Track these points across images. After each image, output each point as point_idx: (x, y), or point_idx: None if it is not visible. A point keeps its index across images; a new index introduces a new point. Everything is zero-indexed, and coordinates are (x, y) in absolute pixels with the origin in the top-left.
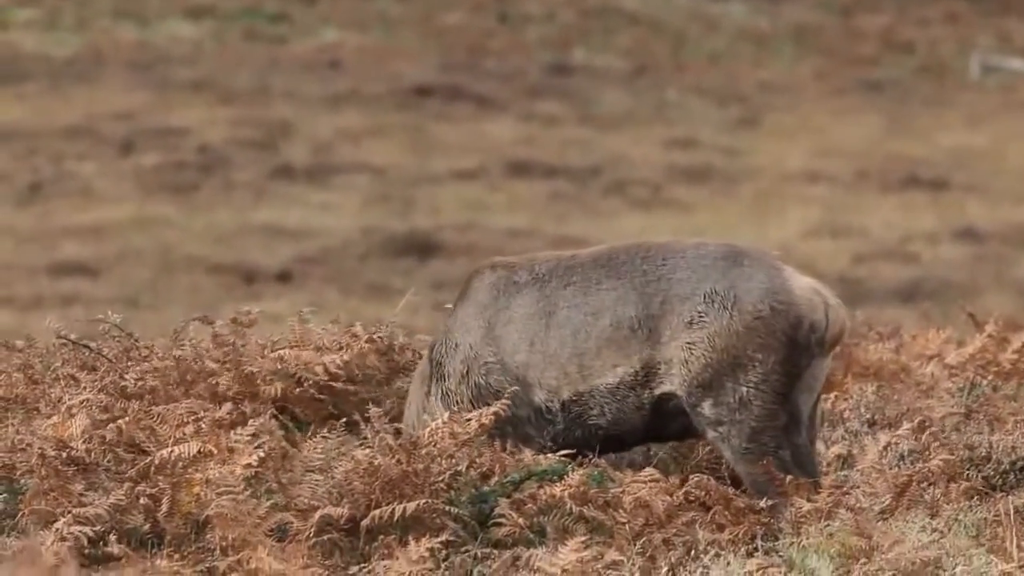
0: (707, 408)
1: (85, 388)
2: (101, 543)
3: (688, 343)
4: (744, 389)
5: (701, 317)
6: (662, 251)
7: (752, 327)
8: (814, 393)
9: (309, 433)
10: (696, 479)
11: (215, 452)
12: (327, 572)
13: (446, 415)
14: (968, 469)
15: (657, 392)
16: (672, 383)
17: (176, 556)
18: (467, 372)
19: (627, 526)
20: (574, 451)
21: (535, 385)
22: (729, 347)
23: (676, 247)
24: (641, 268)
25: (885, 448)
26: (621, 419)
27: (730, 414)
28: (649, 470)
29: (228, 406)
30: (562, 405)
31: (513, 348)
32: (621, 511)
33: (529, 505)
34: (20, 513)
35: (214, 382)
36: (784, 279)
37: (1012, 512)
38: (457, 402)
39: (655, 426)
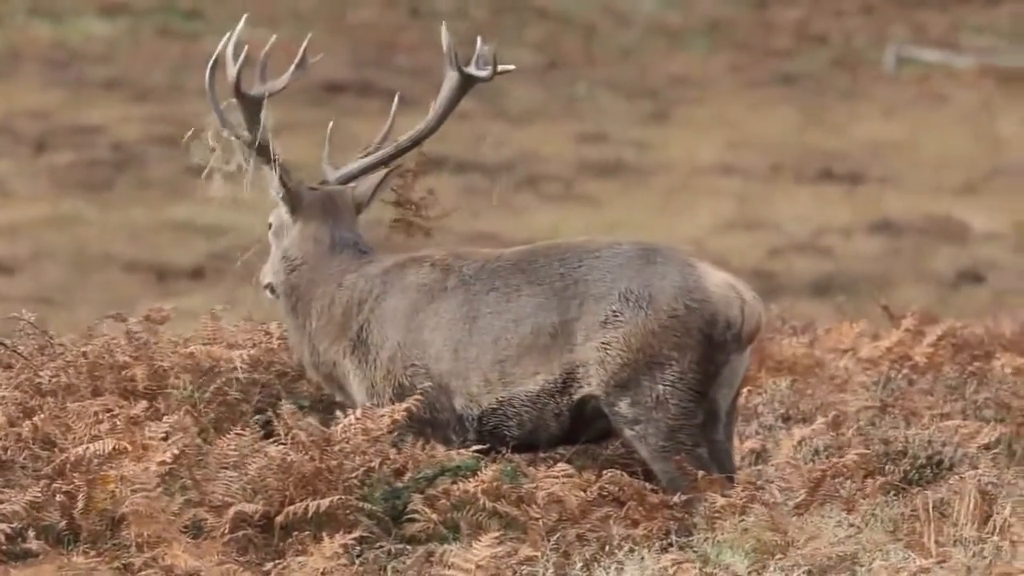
0: (624, 407)
1: (0, 385)
2: (19, 539)
3: (604, 343)
4: (661, 387)
5: (616, 316)
6: (578, 252)
7: (667, 325)
8: (733, 389)
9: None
10: (610, 475)
11: (130, 449)
12: (242, 568)
13: (358, 410)
14: (884, 464)
15: (576, 397)
16: (590, 384)
17: (92, 552)
18: (392, 369)
19: (541, 522)
20: (487, 447)
21: (456, 392)
22: (645, 346)
23: (591, 247)
24: (559, 272)
25: (799, 443)
26: (539, 427)
27: (647, 413)
28: (562, 465)
29: (143, 403)
30: (481, 414)
31: (438, 354)
32: (535, 507)
33: (442, 501)
34: None
35: (127, 375)
36: (698, 276)
37: (929, 507)
38: (379, 394)
39: (573, 430)
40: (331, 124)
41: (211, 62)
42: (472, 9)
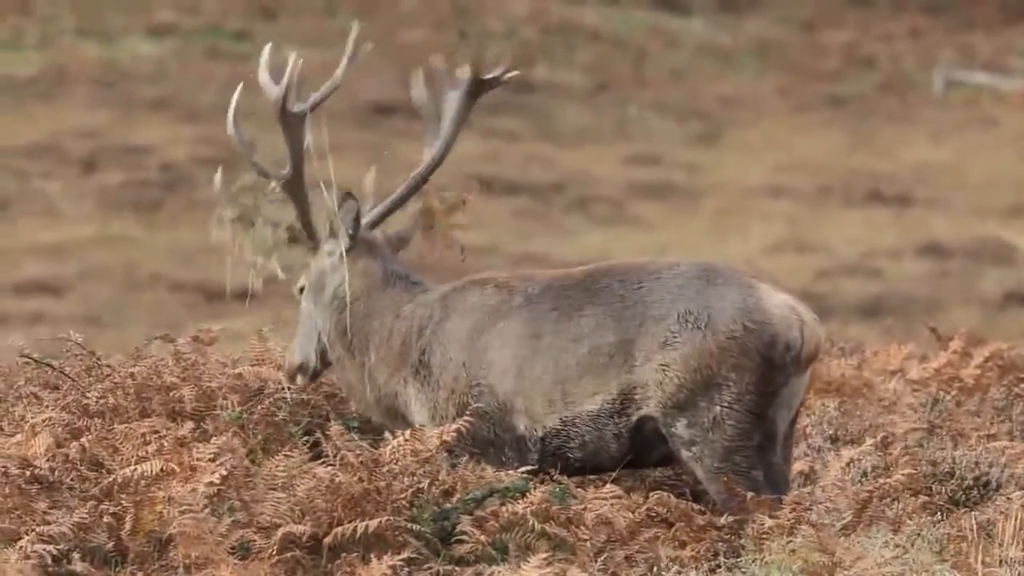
0: (681, 428)
1: (48, 406)
2: (65, 561)
3: (663, 364)
4: (718, 409)
5: (675, 337)
6: (638, 273)
7: (726, 347)
8: (791, 411)
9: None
10: (657, 496)
11: (177, 470)
12: None
13: (418, 423)
14: (931, 485)
15: (635, 418)
16: (648, 406)
17: (139, 574)
18: (456, 389)
19: (589, 543)
20: (548, 468)
21: (520, 411)
22: (703, 367)
23: (651, 268)
24: (619, 292)
25: (848, 464)
26: (600, 448)
27: (703, 434)
28: (611, 487)
29: (190, 424)
30: (544, 435)
31: (503, 373)
32: (583, 528)
33: (491, 522)
34: None
35: (175, 396)
36: (758, 297)
37: (975, 528)
38: (441, 415)
39: (634, 452)
40: (372, 172)
41: (232, 105)
42: (522, 30)
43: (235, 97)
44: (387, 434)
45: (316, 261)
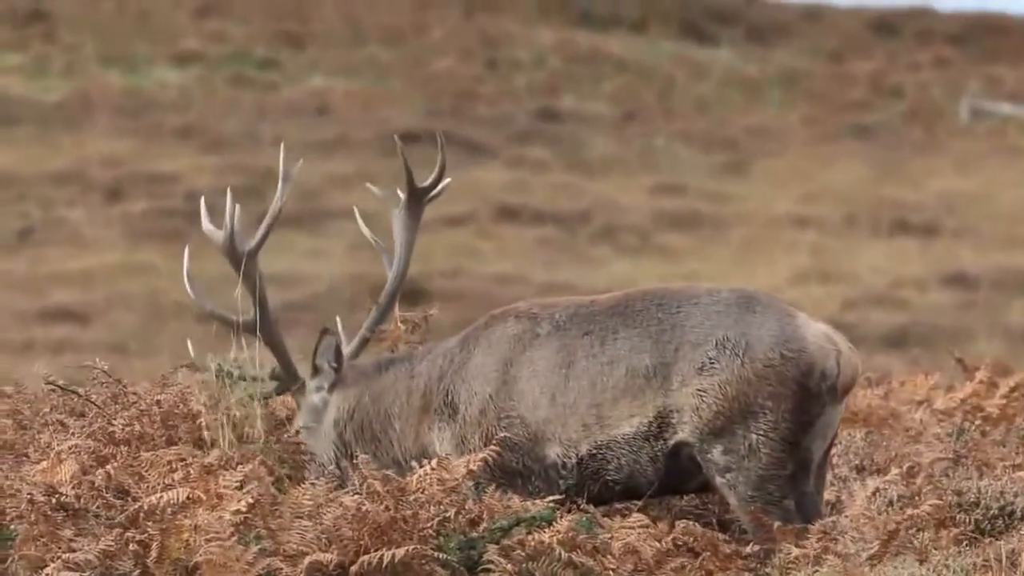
0: (717, 455)
1: (74, 434)
2: None
3: (699, 390)
4: (754, 436)
5: (712, 364)
6: (676, 298)
7: (763, 375)
8: (827, 440)
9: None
10: (684, 525)
11: (204, 498)
12: None
13: (434, 460)
14: (957, 515)
15: (671, 442)
16: (684, 431)
17: None
18: (483, 422)
19: (615, 572)
20: (564, 496)
21: (553, 440)
22: (740, 394)
23: (690, 293)
24: (656, 316)
25: (874, 494)
26: (636, 472)
27: (738, 461)
28: (637, 516)
29: (216, 452)
30: (579, 460)
31: (535, 403)
32: (610, 557)
33: (518, 551)
34: (10, 559)
35: (201, 423)
36: (796, 326)
37: (1002, 557)
38: (470, 449)
39: (671, 478)
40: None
41: (185, 264)
42: (548, 60)
43: (185, 261)
44: (413, 463)
45: (306, 400)
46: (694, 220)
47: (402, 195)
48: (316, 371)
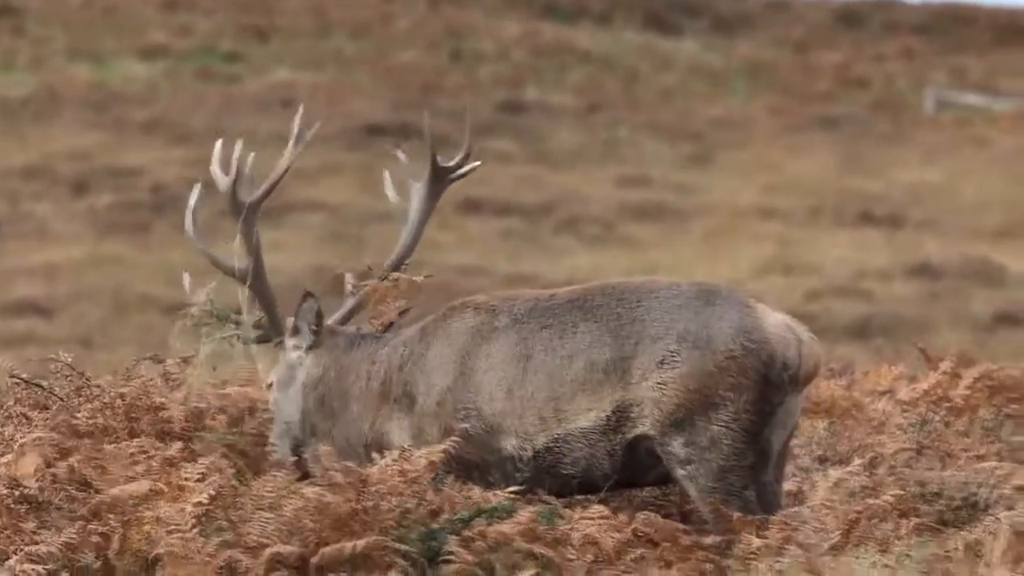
0: (677, 447)
1: (37, 427)
2: None
3: (660, 383)
4: (715, 428)
5: (673, 357)
6: (636, 292)
7: (724, 366)
8: (787, 430)
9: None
10: (644, 516)
11: (165, 490)
12: None
13: (394, 452)
14: (920, 505)
15: (630, 436)
16: (644, 424)
17: None
18: (440, 414)
19: (576, 563)
20: (524, 488)
21: (509, 432)
22: (702, 387)
23: (650, 287)
24: (616, 311)
25: (836, 484)
26: (592, 465)
27: (700, 453)
28: (598, 507)
29: (179, 445)
30: (535, 453)
31: (491, 395)
32: (570, 548)
33: (478, 542)
34: None
35: (164, 416)
36: (756, 317)
37: (963, 548)
38: (427, 441)
39: (629, 472)
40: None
41: (191, 204)
42: (513, 52)
43: (192, 200)
44: (374, 454)
45: (284, 356)
46: (659, 211)
47: (424, 172)
48: (296, 331)
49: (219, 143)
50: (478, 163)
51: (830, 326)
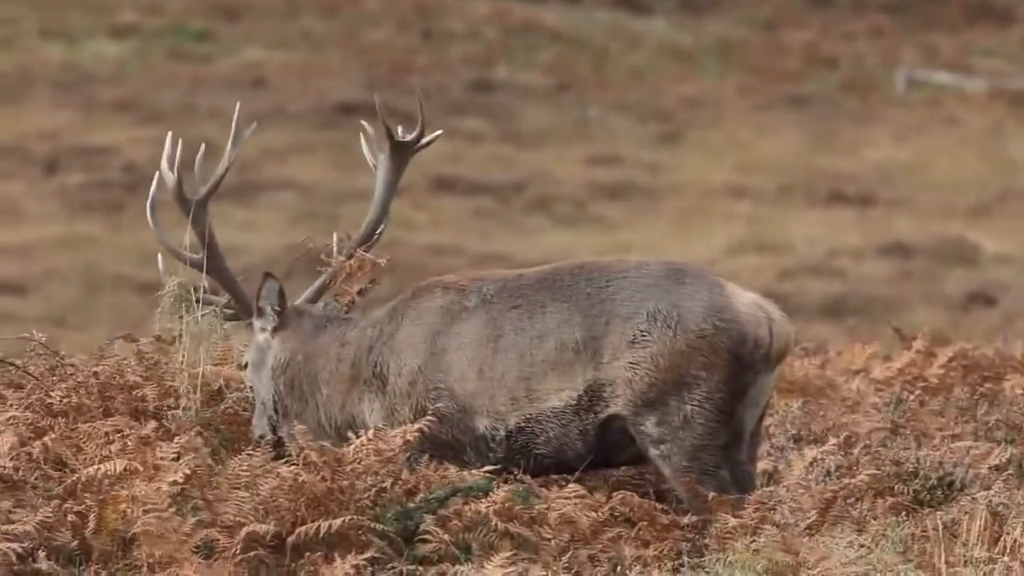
0: (650, 426)
1: (12, 406)
2: (29, 560)
3: (631, 362)
4: (688, 407)
5: (644, 336)
6: (605, 272)
7: (696, 345)
8: (759, 409)
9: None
10: (621, 495)
11: (141, 469)
12: None
13: (370, 431)
14: (895, 484)
15: (602, 415)
16: (617, 404)
17: (103, 573)
18: (413, 394)
19: (552, 542)
20: (500, 467)
21: (481, 412)
22: (673, 366)
23: (619, 267)
24: (585, 291)
25: (811, 464)
26: (565, 445)
27: (673, 432)
28: (574, 486)
29: (153, 424)
30: (507, 433)
31: (462, 375)
32: (546, 527)
33: (454, 521)
34: None
35: (138, 395)
36: (727, 296)
37: (940, 527)
38: (399, 422)
39: (601, 451)
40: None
41: (151, 195)
42: (483, 31)
43: (152, 190)
44: (350, 433)
45: (253, 337)
46: (629, 190)
47: (385, 147)
48: (260, 313)
49: (168, 138)
50: (439, 132)
51: (803, 305)
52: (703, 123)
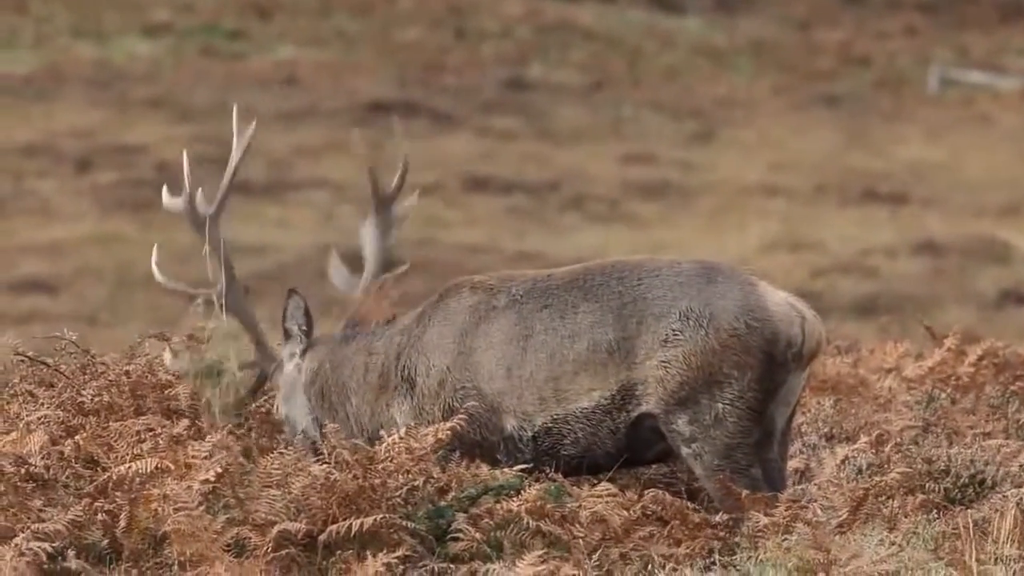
0: (682, 425)
1: (43, 404)
2: (60, 558)
3: (664, 361)
4: (720, 406)
5: (676, 335)
6: (636, 271)
7: (728, 344)
8: (790, 407)
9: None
10: (652, 493)
11: (172, 468)
12: None
13: (402, 429)
14: (927, 483)
15: (633, 415)
16: (648, 403)
17: (134, 571)
18: (441, 394)
19: (584, 541)
20: (537, 466)
21: (508, 412)
22: (705, 364)
23: (651, 266)
24: (617, 290)
25: (843, 462)
26: (594, 444)
27: (704, 431)
28: (606, 484)
29: (185, 422)
30: (535, 434)
31: (490, 375)
32: (578, 525)
33: (486, 520)
34: None
35: (170, 394)
36: (759, 295)
37: (971, 525)
38: (429, 423)
39: (630, 450)
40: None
41: (154, 258)
42: (516, 30)
43: (155, 253)
44: (382, 432)
45: (284, 375)
46: (663, 189)
47: (370, 212)
48: (287, 335)
49: (185, 159)
50: (416, 194)
51: (836, 304)
52: (736, 122)
